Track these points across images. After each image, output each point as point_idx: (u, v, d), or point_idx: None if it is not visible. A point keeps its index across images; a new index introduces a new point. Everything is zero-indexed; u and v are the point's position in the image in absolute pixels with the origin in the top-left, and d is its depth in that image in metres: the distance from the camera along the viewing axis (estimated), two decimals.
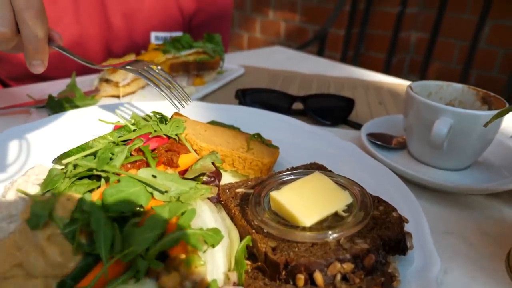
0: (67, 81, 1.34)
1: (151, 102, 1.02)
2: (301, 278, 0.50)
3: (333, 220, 0.57)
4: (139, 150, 0.63)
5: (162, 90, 0.82)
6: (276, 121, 0.97)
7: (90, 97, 1.15)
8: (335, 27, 3.33)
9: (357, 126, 1.12)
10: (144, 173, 0.57)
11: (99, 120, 0.79)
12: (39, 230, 0.52)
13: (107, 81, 1.21)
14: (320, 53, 3.05)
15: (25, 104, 1.11)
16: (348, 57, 3.25)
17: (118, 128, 0.77)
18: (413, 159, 0.93)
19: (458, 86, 0.95)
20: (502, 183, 0.80)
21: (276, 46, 2.09)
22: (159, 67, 0.87)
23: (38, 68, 0.78)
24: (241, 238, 0.58)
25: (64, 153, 0.71)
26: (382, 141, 0.95)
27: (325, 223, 0.56)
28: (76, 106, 1.09)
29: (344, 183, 0.63)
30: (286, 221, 0.57)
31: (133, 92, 1.26)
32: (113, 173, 0.57)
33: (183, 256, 0.51)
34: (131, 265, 0.50)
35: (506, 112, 0.62)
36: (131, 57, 1.26)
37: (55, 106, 1.07)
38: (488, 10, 2.64)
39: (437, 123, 0.80)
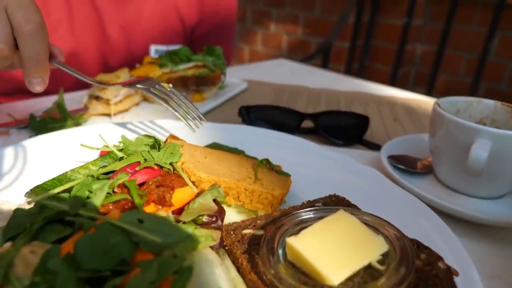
0: (54, 98, 1.24)
1: (146, 122, 0.92)
2: None
3: (367, 275, 0.45)
4: (123, 186, 0.52)
5: (176, 111, 0.77)
6: (285, 142, 0.87)
7: (78, 116, 1.04)
8: (339, 39, 3.24)
9: (373, 147, 1.01)
10: (128, 218, 0.45)
11: (81, 145, 0.68)
12: None
13: (97, 98, 1.10)
14: (324, 66, 2.95)
15: (4, 125, 1.00)
16: (352, 69, 3.16)
17: (103, 155, 0.66)
18: (440, 184, 0.82)
19: (490, 102, 0.85)
20: None
21: (280, 59, 1.99)
22: (170, 85, 0.82)
23: (38, 87, 0.73)
24: None
25: (38, 185, 0.60)
26: (405, 164, 0.84)
27: (356, 278, 0.45)
28: (61, 127, 0.98)
29: (376, 225, 0.51)
30: (307, 277, 0.45)
31: (126, 110, 1.15)
32: (89, 217, 0.46)
33: None
34: None
35: None
36: (125, 71, 1.16)
37: (38, 126, 0.96)
38: (497, 21, 2.55)
39: (476, 146, 0.68)
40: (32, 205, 0.58)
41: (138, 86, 0.80)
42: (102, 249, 0.43)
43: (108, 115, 1.11)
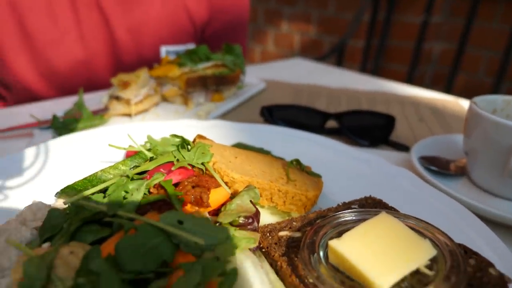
0: (73, 99, 1.24)
1: (167, 122, 0.91)
2: None
3: (414, 281, 0.43)
4: (159, 186, 0.50)
5: None
6: (312, 142, 0.85)
7: (99, 116, 1.03)
8: (354, 38, 3.20)
9: (400, 148, 0.99)
10: (167, 219, 0.44)
11: (109, 145, 0.67)
12: None
13: (118, 98, 1.10)
14: (338, 65, 2.92)
15: (28, 126, 1.00)
16: (367, 69, 3.12)
17: (131, 155, 0.65)
18: (475, 187, 0.79)
19: None
20: None
21: (296, 58, 1.97)
22: None
23: None
24: None
25: (69, 186, 0.59)
26: (438, 166, 0.82)
27: (404, 284, 0.43)
28: (84, 127, 0.98)
29: (420, 228, 0.49)
30: (352, 281, 0.43)
31: (146, 110, 1.14)
32: (128, 219, 0.44)
33: None
34: None
35: None
36: (144, 71, 1.15)
37: (61, 127, 0.96)
38: None
39: None
40: (63, 205, 0.57)
41: None
42: (143, 250, 0.42)
43: (129, 115, 1.10)
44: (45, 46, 1.38)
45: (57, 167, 0.75)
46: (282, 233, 0.54)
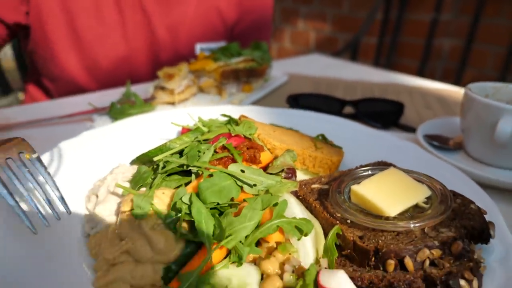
0: (119, 90, 1.40)
1: (210, 107, 1.07)
2: (391, 263, 0.53)
3: (415, 211, 0.59)
4: (223, 147, 0.67)
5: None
6: (333, 123, 1.00)
7: (148, 104, 1.21)
8: (367, 35, 3.34)
9: (409, 129, 1.14)
10: (233, 168, 0.61)
11: (172, 123, 0.84)
12: (143, 220, 0.57)
13: (163, 88, 1.27)
14: (352, 61, 3.07)
15: (88, 112, 1.18)
16: (380, 64, 3.26)
17: (186, 131, 0.81)
18: (471, 160, 0.94)
19: None
20: None
21: (313, 54, 2.12)
22: (35, 155, 0.63)
23: None
24: (324, 230, 0.61)
25: (143, 154, 0.76)
26: (439, 142, 0.97)
27: (406, 213, 0.59)
28: (137, 113, 1.15)
29: (420, 178, 0.65)
30: (369, 213, 0.59)
31: (187, 99, 1.32)
32: (205, 168, 0.61)
33: (279, 242, 0.54)
34: (230, 252, 0.54)
35: None
36: (184, 65, 1.32)
37: (118, 112, 1.13)
38: None
39: (502, 122, 0.81)
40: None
41: None
42: (217, 189, 0.58)
43: (172, 103, 1.28)
44: (91, 43, 1.56)
45: (124, 143, 0.91)
46: (314, 186, 0.70)
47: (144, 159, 0.77)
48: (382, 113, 1.20)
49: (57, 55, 1.55)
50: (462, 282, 0.50)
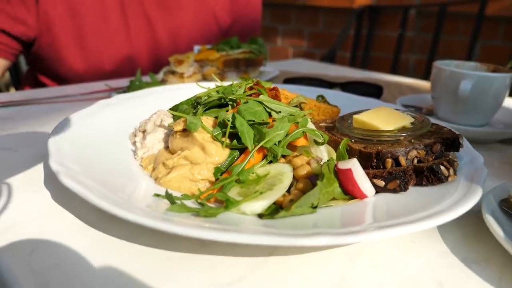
0: (129, 79, 1.54)
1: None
2: (389, 161, 0.70)
3: (403, 130, 0.77)
4: (250, 88, 0.84)
5: None
6: (329, 94, 1.19)
7: (162, 84, 1.36)
8: (341, 50, 3.63)
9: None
10: (262, 98, 0.77)
11: (197, 84, 1.00)
12: (197, 133, 0.72)
13: (173, 73, 1.43)
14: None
15: (106, 90, 1.32)
16: None
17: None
18: (440, 121, 1.14)
19: (472, 63, 1.18)
20: None
21: (299, 58, 2.34)
22: None
23: None
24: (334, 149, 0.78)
25: (176, 105, 0.92)
26: (415, 109, 1.17)
27: (398, 131, 0.77)
28: None
29: (406, 112, 0.84)
30: (370, 130, 0.77)
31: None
32: (241, 98, 0.77)
33: (305, 145, 0.70)
34: (267, 155, 0.70)
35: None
36: (192, 53, 1.49)
37: (136, 88, 1.28)
38: (478, 31, 2.95)
39: (462, 83, 1.02)
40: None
41: None
42: (252, 111, 0.74)
43: None
44: (97, 44, 1.70)
45: (146, 105, 1.04)
46: (321, 124, 0.88)
47: (178, 107, 0.92)
48: (365, 93, 1.39)
49: (64, 57, 1.67)
50: (442, 168, 0.67)
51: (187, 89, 1.16)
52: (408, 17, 3.28)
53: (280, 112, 0.77)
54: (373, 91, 1.40)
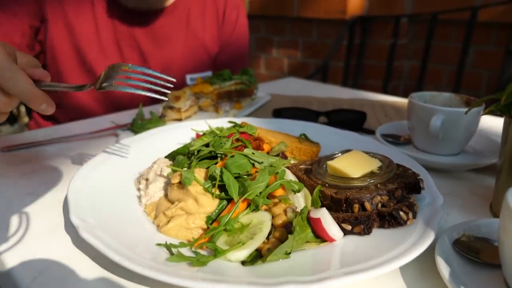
0: (131, 111, 1.65)
1: (212, 120, 1.34)
2: (356, 206, 0.80)
3: (370, 175, 0.88)
4: (237, 140, 0.95)
5: (142, 91, 0.91)
6: (311, 127, 1.30)
7: (162, 120, 1.47)
8: (335, 60, 3.73)
9: (370, 132, 1.44)
10: (247, 151, 0.88)
11: (192, 129, 1.11)
12: (190, 186, 0.83)
13: (171, 108, 1.54)
14: (323, 83, 3.43)
15: (112, 128, 1.43)
16: (348, 85, 3.63)
17: (199, 136, 1.08)
18: (416, 150, 1.25)
19: (447, 94, 1.29)
20: (484, 160, 1.12)
21: (288, 77, 2.45)
22: (129, 65, 0.94)
23: (49, 110, 0.82)
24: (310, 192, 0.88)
25: (174, 151, 1.03)
26: (393, 138, 1.27)
27: (365, 176, 0.87)
28: (154, 127, 1.40)
29: (375, 155, 0.94)
30: (341, 177, 0.88)
31: (190, 116, 1.59)
32: (228, 152, 0.88)
33: (282, 195, 0.81)
34: (250, 204, 0.81)
35: (478, 104, 0.95)
36: (188, 88, 1.60)
37: (139, 127, 1.39)
38: (470, 37, 3.04)
39: (433, 119, 1.12)
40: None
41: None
42: (237, 164, 0.85)
43: (179, 119, 1.54)
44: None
45: (153, 148, 1.16)
46: (301, 166, 0.98)
47: (175, 154, 1.03)
48: (349, 121, 1.50)
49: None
50: (401, 213, 0.78)
51: (184, 128, 1.28)
52: (399, 25, 3.37)
53: (262, 162, 0.88)
54: (357, 117, 1.51)
